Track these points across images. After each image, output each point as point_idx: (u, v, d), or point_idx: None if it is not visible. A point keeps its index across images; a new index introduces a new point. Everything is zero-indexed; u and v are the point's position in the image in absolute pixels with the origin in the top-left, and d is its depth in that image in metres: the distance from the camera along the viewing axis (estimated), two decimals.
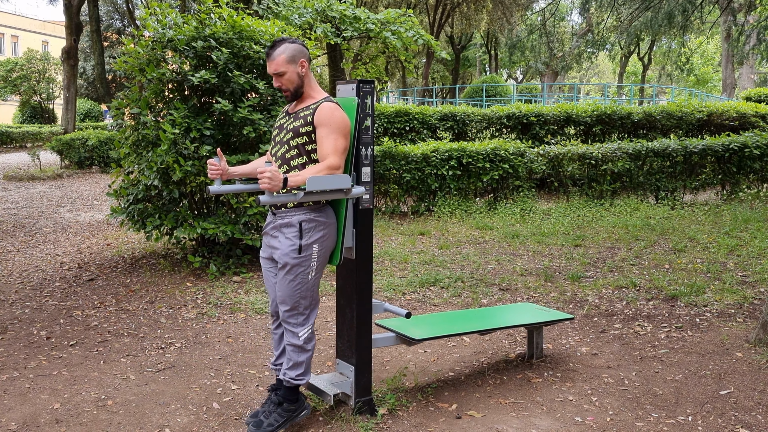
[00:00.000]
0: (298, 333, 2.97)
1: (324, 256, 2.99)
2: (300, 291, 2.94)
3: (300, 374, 3.01)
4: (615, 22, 21.34)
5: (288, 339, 3.00)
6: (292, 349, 3.00)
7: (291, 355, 3.00)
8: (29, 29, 45.12)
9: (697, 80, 46.51)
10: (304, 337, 2.98)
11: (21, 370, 3.79)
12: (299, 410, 3.05)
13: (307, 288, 2.96)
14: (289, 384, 3.01)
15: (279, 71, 2.97)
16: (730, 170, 9.88)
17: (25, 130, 24.84)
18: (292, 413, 3.03)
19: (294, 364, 3.00)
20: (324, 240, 2.96)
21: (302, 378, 3.02)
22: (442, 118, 11.74)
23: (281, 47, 2.98)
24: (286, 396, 3.02)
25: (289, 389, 3.03)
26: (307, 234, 2.91)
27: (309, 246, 2.92)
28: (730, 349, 4.01)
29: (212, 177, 2.99)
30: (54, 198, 11.58)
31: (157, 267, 6.19)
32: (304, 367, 3.01)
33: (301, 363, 3.00)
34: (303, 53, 3.01)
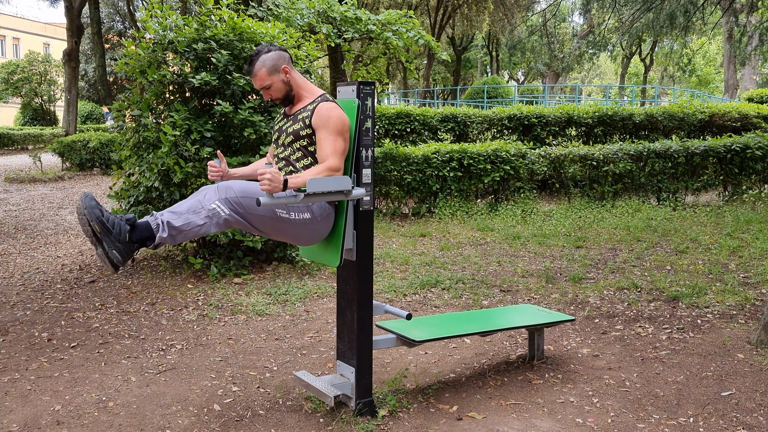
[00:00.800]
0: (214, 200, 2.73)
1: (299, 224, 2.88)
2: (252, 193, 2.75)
3: (170, 223, 2.68)
4: (616, 23, 21.34)
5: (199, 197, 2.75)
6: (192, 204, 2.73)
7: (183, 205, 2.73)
8: (30, 31, 45.21)
9: (699, 81, 46.48)
10: (212, 207, 2.72)
11: (22, 372, 3.79)
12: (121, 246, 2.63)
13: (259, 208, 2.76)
14: (154, 220, 2.69)
15: (264, 85, 2.97)
16: (732, 171, 9.87)
17: (27, 132, 24.88)
18: (118, 239, 2.62)
19: (178, 212, 2.71)
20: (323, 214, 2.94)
21: (165, 229, 2.68)
22: (443, 119, 11.74)
23: (259, 61, 2.95)
24: (140, 225, 2.68)
25: (146, 226, 2.68)
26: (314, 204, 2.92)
27: (308, 207, 2.90)
28: (732, 350, 4.00)
29: (212, 179, 2.99)
30: (55, 200, 11.59)
31: (158, 269, 6.19)
32: (179, 224, 2.68)
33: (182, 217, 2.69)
34: (282, 58, 2.99)
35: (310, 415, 3.21)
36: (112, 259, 2.62)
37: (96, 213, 2.58)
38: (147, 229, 2.68)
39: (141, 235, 2.68)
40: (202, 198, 2.76)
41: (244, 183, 2.83)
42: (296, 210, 2.88)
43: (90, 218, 2.57)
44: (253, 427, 3.11)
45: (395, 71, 37.40)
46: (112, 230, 2.60)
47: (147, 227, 2.69)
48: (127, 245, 2.64)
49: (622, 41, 29.34)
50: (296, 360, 3.98)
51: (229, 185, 2.79)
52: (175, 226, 2.69)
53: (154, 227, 2.69)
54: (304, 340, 4.34)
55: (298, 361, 3.96)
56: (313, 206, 2.92)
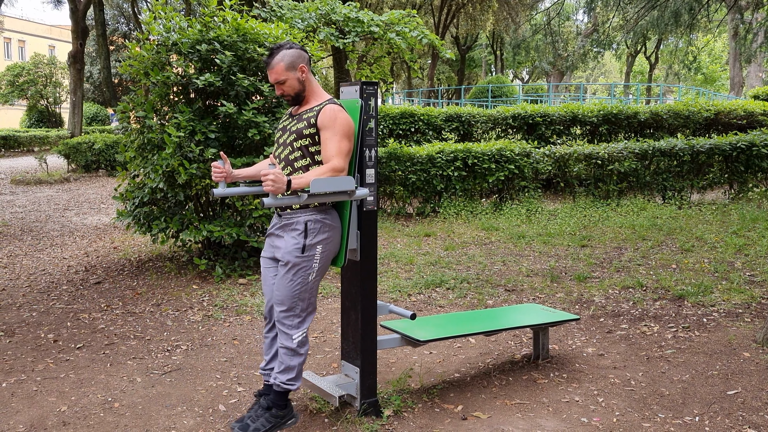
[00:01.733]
0: (292, 335, 2.94)
1: (326, 259, 2.97)
2: (299, 292, 2.92)
3: (291, 379, 2.96)
4: (621, 21, 21.27)
5: (281, 341, 2.96)
6: (285, 352, 2.96)
7: (283, 358, 2.96)
8: (36, 34, 45.40)
9: (705, 79, 46.31)
10: (297, 340, 2.94)
11: (28, 373, 3.81)
12: (287, 417, 3.01)
13: (306, 289, 2.94)
14: (280, 388, 2.97)
15: (279, 79, 2.97)
16: (738, 169, 9.83)
17: (33, 135, 24.98)
18: (280, 419, 2.98)
19: (286, 368, 2.95)
20: (328, 242, 2.95)
21: (293, 383, 2.97)
22: (447, 119, 11.73)
23: (279, 55, 2.96)
24: (275, 401, 2.98)
25: (279, 394, 2.98)
26: (312, 234, 2.91)
27: (313, 246, 2.91)
28: (738, 349, 3.99)
29: (216, 180, 2.99)
30: (61, 202, 11.64)
31: (163, 270, 6.21)
32: (296, 372, 2.96)
33: (293, 367, 2.95)
34: (302, 58, 3.00)
35: (315, 415, 3.21)
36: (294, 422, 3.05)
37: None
38: (282, 396, 3.00)
39: (284, 401, 3.01)
40: (284, 341, 2.95)
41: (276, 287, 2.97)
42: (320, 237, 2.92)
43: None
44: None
45: (399, 71, 37.40)
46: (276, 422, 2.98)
47: (282, 396, 3.00)
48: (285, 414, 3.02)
49: (627, 39, 29.25)
50: None
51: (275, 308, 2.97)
52: (294, 376, 2.98)
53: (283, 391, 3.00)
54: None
55: None
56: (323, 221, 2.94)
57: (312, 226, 2.91)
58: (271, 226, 3.09)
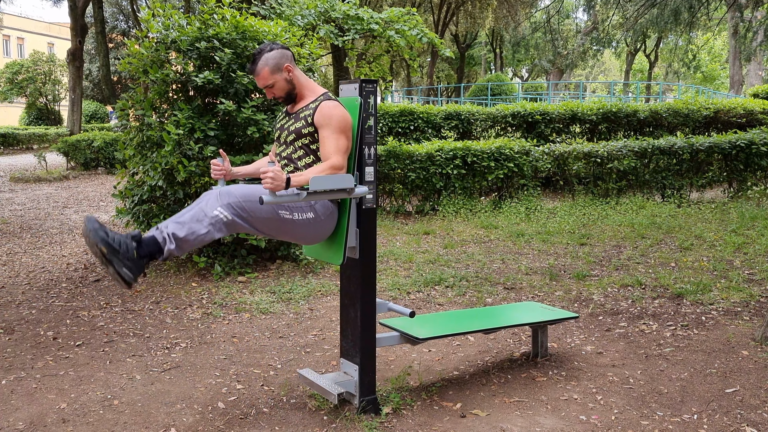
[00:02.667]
0: (216, 207, 2.73)
1: (302, 224, 2.88)
2: (253, 194, 2.76)
3: (175, 234, 2.68)
4: (621, 19, 21.26)
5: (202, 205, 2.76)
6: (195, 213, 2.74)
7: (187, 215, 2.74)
8: (35, 31, 45.34)
9: (705, 77, 46.29)
10: (216, 214, 2.72)
11: (28, 371, 3.81)
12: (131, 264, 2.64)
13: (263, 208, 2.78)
14: (159, 234, 2.71)
15: (268, 84, 2.97)
16: (737, 168, 9.84)
17: (32, 132, 24.97)
18: (126, 256, 2.62)
19: (181, 221, 2.71)
20: (326, 213, 2.93)
21: (171, 241, 2.69)
22: (446, 117, 11.73)
23: (262, 60, 2.95)
24: (146, 241, 2.69)
25: (153, 240, 2.70)
26: (316, 203, 2.92)
27: (311, 206, 2.89)
28: (736, 347, 4.00)
29: (215, 177, 2.99)
30: (60, 199, 11.63)
31: (162, 267, 6.21)
32: (183, 234, 2.69)
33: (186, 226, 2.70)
34: (285, 57, 2.99)
35: (314, 412, 3.22)
36: (124, 277, 2.63)
37: (101, 235, 2.59)
38: (154, 243, 2.70)
39: (149, 250, 2.69)
40: (204, 205, 2.76)
41: (244, 186, 2.84)
42: (299, 210, 2.88)
43: (96, 240, 2.58)
44: (257, 424, 3.12)
45: (399, 69, 37.37)
46: (119, 249, 2.61)
47: (153, 241, 2.70)
48: (136, 261, 2.65)
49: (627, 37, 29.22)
50: (300, 358, 3.99)
51: (230, 190, 2.79)
52: (181, 236, 2.70)
53: (160, 240, 2.70)
54: (308, 338, 4.35)
55: (302, 359, 3.97)
56: (316, 205, 2.92)
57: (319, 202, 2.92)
58: None
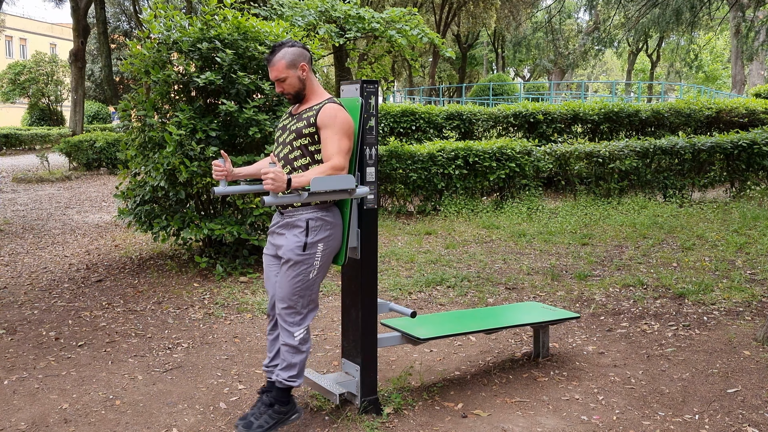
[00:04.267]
0: (293, 333, 2.95)
1: (328, 257, 2.98)
2: (300, 289, 2.93)
3: (293, 375, 2.97)
4: (622, 19, 21.25)
5: (283, 339, 2.98)
6: (287, 350, 2.97)
7: (285, 355, 2.98)
8: (37, 32, 45.40)
9: (707, 77, 46.24)
10: (299, 338, 2.95)
11: (30, 371, 3.82)
12: (290, 413, 3.01)
13: (307, 286, 2.94)
14: (282, 385, 2.97)
15: (280, 77, 2.97)
16: (739, 167, 9.82)
17: (34, 133, 25.01)
18: (283, 415, 2.98)
19: (288, 365, 2.97)
20: (329, 240, 2.95)
21: (295, 380, 2.98)
22: (448, 117, 11.73)
23: (281, 52, 2.96)
24: (278, 397, 2.98)
25: (282, 390, 2.99)
26: (314, 232, 2.91)
27: (314, 244, 2.92)
28: (738, 347, 3.99)
29: (217, 178, 3.00)
30: (62, 200, 11.65)
31: (164, 268, 6.22)
32: (297, 369, 2.98)
33: (295, 364, 2.97)
34: (303, 56, 3.00)
35: (316, 412, 3.22)
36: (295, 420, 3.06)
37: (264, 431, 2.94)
38: (284, 394, 3.00)
39: (286, 398, 3.00)
40: (286, 339, 2.97)
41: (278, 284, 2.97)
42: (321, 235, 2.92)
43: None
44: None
45: (400, 69, 37.39)
46: (278, 421, 2.98)
47: (284, 393, 3.00)
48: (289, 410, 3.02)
49: (629, 37, 29.20)
50: None
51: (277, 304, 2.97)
52: (296, 373, 3.00)
53: (285, 388, 3.00)
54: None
55: None
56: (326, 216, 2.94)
57: (313, 224, 2.91)
58: (272, 224, 3.09)
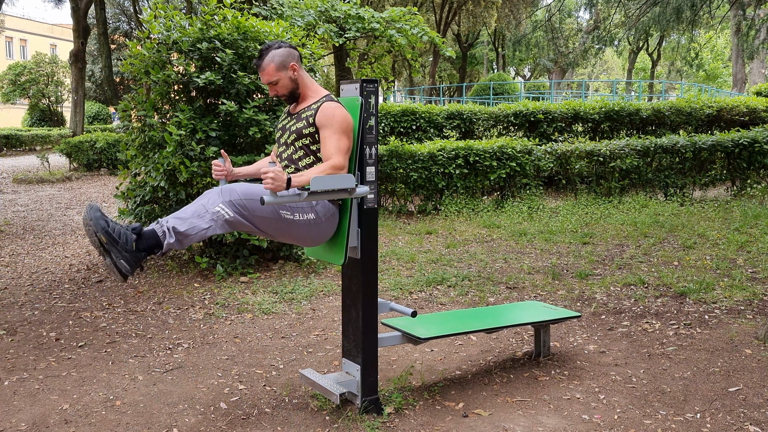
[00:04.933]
0: (218, 203, 2.73)
1: (303, 224, 2.89)
2: (255, 194, 2.77)
3: (176, 229, 2.68)
4: (623, 18, 21.23)
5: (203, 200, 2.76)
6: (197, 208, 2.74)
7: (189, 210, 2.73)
8: (37, 33, 45.42)
9: (707, 76, 46.20)
10: (217, 209, 2.72)
11: (30, 371, 3.82)
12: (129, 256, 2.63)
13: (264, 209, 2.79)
14: (159, 227, 2.70)
15: (272, 80, 2.97)
16: (740, 166, 9.81)
17: (34, 133, 25.02)
18: (125, 248, 2.62)
19: (183, 217, 2.71)
20: (318, 221, 2.92)
21: (171, 235, 2.68)
22: (448, 116, 11.72)
23: (269, 56, 2.96)
24: (147, 234, 2.68)
25: (153, 234, 2.69)
26: (318, 203, 2.92)
27: (311, 207, 2.89)
28: (739, 346, 3.98)
29: (217, 178, 3.00)
30: (63, 200, 11.65)
31: (164, 268, 6.21)
32: (184, 229, 2.69)
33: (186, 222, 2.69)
34: (292, 56, 2.99)
35: (316, 412, 3.21)
36: (121, 269, 2.63)
37: (101, 224, 2.58)
38: (153, 237, 2.69)
39: (148, 243, 2.69)
40: (205, 202, 2.77)
41: (247, 185, 2.84)
42: (300, 211, 2.88)
43: (96, 229, 2.58)
44: (260, 425, 3.12)
45: (401, 69, 37.38)
46: (118, 240, 2.61)
47: (153, 235, 2.70)
48: (134, 254, 2.65)
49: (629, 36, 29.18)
50: (302, 358, 3.99)
51: (233, 188, 2.80)
52: (181, 231, 2.70)
53: (160, 234, 2.70)
54: (310, 338, 4.35)
55: (304, 359, 3.97)
56: (317, 206, 2.92)
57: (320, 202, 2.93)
58: None
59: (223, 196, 2.76)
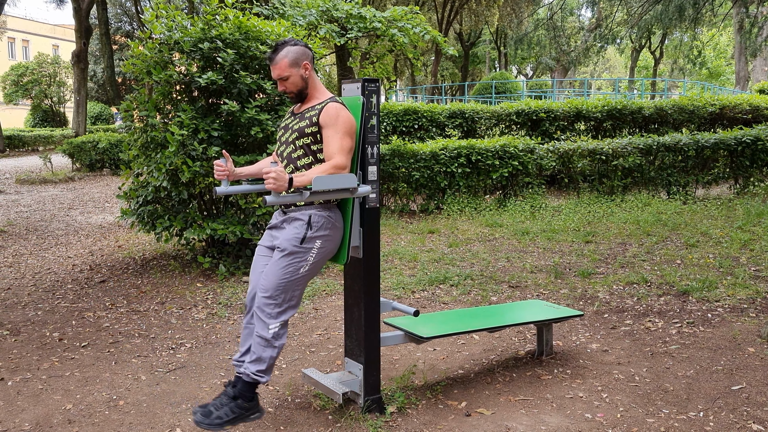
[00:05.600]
0: (269, 325, 2.86)
1: (322, 256, 2.95)
2: (286, 281, 2.87)
3: (261, 370, 2.87)
4: (625, 16, 21.19)
5: (258, 330, 2.88)
6: (259, 342, 2.87)
7: (256, 348, 2.87)
8: (39, 33, 45.50)
9: (710, 73, 46.09)
10: (273, 331, 2.86)
11: (34, 372, 3.83)
12: (253, 410, 2.90)
13: (295, 280, 2.89)
14: (249, 378, 2.87)
15: (283, 75, 2.97)
16: (743, 164, 9.79)
17: (37, 134, 25.07)
18: (245, 411, 2.87)
19: (258, 358, 2.87)
20: (327, 239, 2.95)
21: (263, 375, 2.88)
22: (450, 115, 11.72)
23: (283, 51, 2.96)
24: (242, 391, 2.88)
25: (247, 384, 2.89)
26: (315, 227, 2.90)
27: (313, 239, 2.90)
28: (742, 344, 3.98)
29: (218, 178, 3.00)
30: (66, 201, 11.67)
31: (167, 268, 6.22)
32: (267, 364, 2.88)
33: (265, 359, 2.87)
34: (306, 55, 2.99)
35: (319, 412, 3.22)
36: (256, 420, 2.98)
37: (216, 423, 2.82)
38: (250, 389, 2.90)
39: (250, 394, 2.91)
40: (259, 330, 2.88)
41: (265, 273, 2.93)
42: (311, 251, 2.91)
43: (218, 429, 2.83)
44: (262, 424, 3.12)
45: (403, 68, 37.35)
46: (239, 416, 2.87)
47: (249, 388, 2.90)
48: (251, 407, 2.91)
49: (631, 34, 29.11)
50: (305, 357, 4.00)
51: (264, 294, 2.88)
52: (265, 368, 2.90)
53: (251, 382, 2.90)
54: (312, 337, 4.35)
55: (306, 359, 3.97)
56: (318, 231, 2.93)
57: (316, 219, 2.91)
58: (272, 221, 3.09)
59: (265, 310, 2.89)
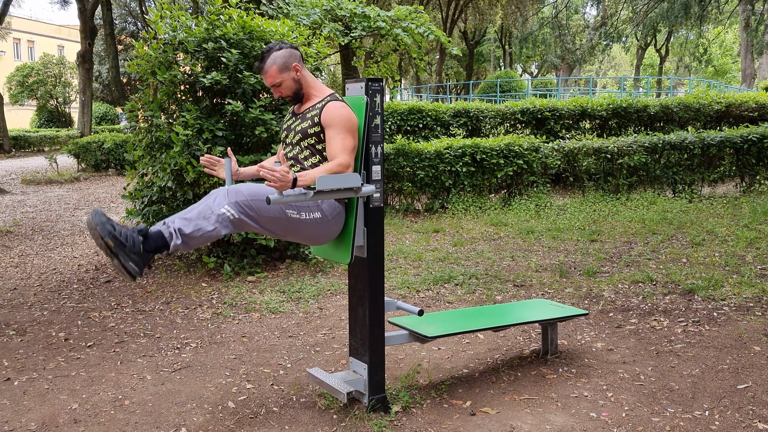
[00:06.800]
0: (223, 204, 2.73)
1: (309, 224, 2.89)
2: (264, 195, 2.76)
3: (182, 230, 2.69)
4: (630, 14, 21.13)
5: (209, 201, 2.76)
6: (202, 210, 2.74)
7: (194, 212, 2.74)
8: (45, 34, 45.67)
9: (716, 71, 45.91)
10: (223, 211, 2.72)
11: (40, 371, 3.84)
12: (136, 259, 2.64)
13: (272, 208, 2.79)
14: (166, 229, 2.71)
15: (275, 82, 2.98)
16: (749, 162, 9.75)
17: (43, 134, 25.18)
18: (131, 251, 2.63)
19: (188, 218, 2.72)
20: (324, 221, 2.92)
21: (179, 237, 2.69)
22: (455, 114, 11.71)
23: (270, 58, 2.96)
24: (152, 235, 2.70)
25: (160, 234, 2.70)
26: (324, 204, 2.93)
27: (316, 207, 2.89)
28: (748, 343, 3.96)
29: (208, 173, 3.00)
30: (71, 201, 11.71)
31: (172, 268, 6.24)
32: (190, 230, 2.70)
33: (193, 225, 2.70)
34: (293, 56, 2.99)
35: (324, 411, 3.22)
36: (130, 271, 2.64)
37: (108, 228, 2.60)
38: (160, 238, 2.71)
39: (155, 245, 2.70)
40: (211, 202, 2.77)
41: (253, 185, 2.84)
42: (306, 210, 2.89)
43: (102, 234, 2.60)
44: (267, 423, 3.13)
45: (407, 67, 37.32)
46: (126, 243, 2.63)
47: (160, 236, 2.71)
48: (142, 255, 2.67)
49: (637, 32, 29.00)
50: (310, 357, 4.00)
51: (239, 188, 2.80)
52: (187, 233, 2.71)
53: (167, 236, 2.71)
54: (317, 337, 4.36)
55: (311, 358, 3.98)
56: (323, 205, 2.92)
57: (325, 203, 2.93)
58: None
59: (229, 197, 2.76)
